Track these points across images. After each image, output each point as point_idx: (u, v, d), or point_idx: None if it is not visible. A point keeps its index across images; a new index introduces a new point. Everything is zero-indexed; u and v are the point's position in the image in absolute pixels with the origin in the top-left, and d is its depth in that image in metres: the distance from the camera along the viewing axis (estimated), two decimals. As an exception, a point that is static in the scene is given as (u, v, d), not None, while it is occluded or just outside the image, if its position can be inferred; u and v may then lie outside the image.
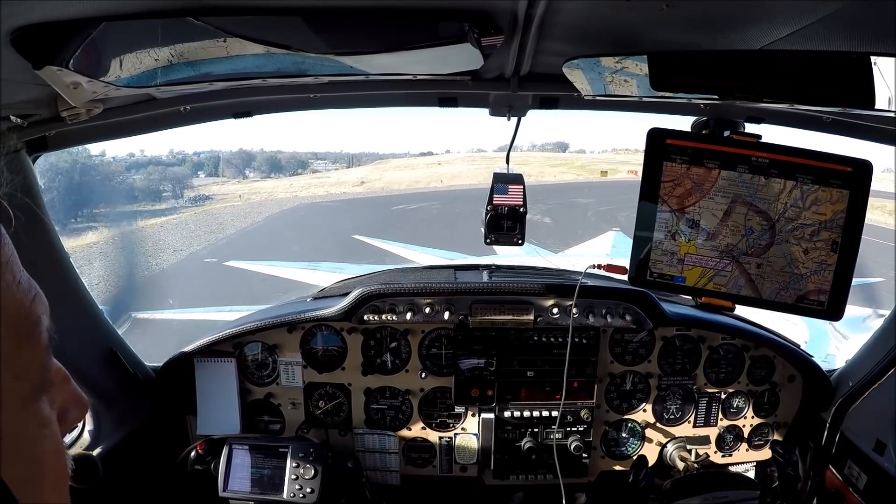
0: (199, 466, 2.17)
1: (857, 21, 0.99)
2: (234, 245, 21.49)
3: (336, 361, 2.29)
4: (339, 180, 44.77)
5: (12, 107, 1.25)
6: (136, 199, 34.28)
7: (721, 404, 2.36)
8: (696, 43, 1.24)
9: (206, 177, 46.96)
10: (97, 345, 1.98)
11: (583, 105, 1.79)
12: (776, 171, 1.60)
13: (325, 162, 55.95)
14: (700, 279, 1.70)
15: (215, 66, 1.26)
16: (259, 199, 36.25)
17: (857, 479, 1.91)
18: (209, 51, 1.17)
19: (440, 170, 47.78)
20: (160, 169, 41.91)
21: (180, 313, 10.38)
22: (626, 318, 2.16)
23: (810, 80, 1.27)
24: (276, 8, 1.06)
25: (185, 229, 25.86)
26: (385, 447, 2.35)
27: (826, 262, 1.61)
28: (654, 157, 1.64)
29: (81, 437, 1.98)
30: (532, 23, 1.13)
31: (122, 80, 1.21)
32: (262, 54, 1.23)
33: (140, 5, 0.97)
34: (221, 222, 27.55)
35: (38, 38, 0.96)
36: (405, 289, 2.15)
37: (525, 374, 2.26)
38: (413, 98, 1.86)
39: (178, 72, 1.25)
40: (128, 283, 12.53)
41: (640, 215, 1.70)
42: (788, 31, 1.06)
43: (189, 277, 16.82)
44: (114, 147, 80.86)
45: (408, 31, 1.18)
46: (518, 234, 1.94)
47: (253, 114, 1.87)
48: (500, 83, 1.60)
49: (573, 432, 2.29)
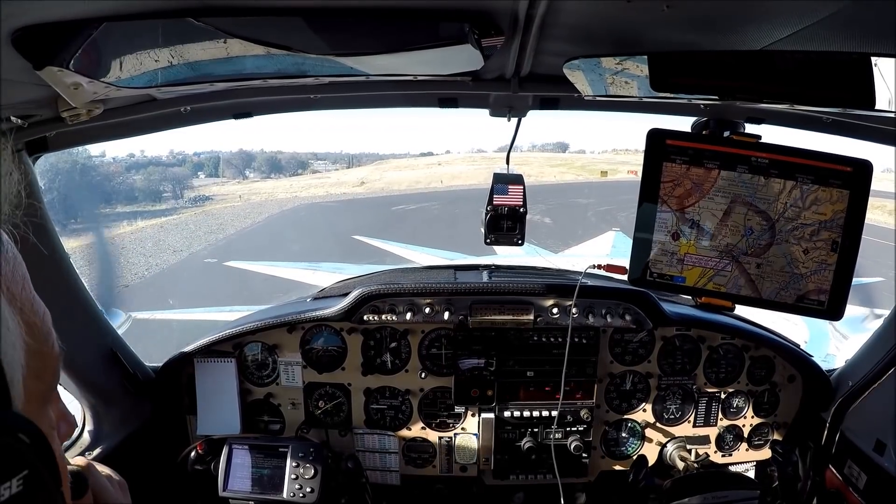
0: (199, 466, 2.17)
1: (857, 22, 0.99)
2: (234, 245, 21.52)
3: (336, 361, 2.29)
4: (339, 181, 44.78)
5: (13, 107, 1.25)
6: (136, 200, 34.30)
7: (721, 404, 2.36)
8: (697, 43, 1.24)
9: (206, 177, 46.93)
10: (97, 345, 1.98)
11: (583, 106, 1.79)
12: (776, 172, 1.60)
13: (325, 162, 55.97)
14: (700, 279, 1.70)
15: (215, 67, 1.26)
16: (259, 200, 36.26)
17: (857, 479, 1.91)
18: (209, 51, 1.17)
19: (440, 170, 47.79)
20: (160, 169, 41.91)
21: (180, 313, 10.37)
22: (626, 318, 2.16)
23: (810, 81, 1.27)
24: (276, 8, 1.06)
25: (185, 230, 25.88)
26: (385, 447, 2.35)
27: (826, 261, 1.61)
28: (654, 158, 1.64)
29: (81, 438, 1.98)
30: (532, 23, 1.13)
31: (123, 81, 1.21)
32: (262, 55, 1.23)
33: (140, 6, 0.97)
34: (221, 223, 27.58)
35: (39, 39, 0.96)
36: (405, 289, 2.15)
37: (525, 374, 2.26)
38: (413, 99, 1.86)
39: (178, 72, 1.25)
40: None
41: (640, 215, 1.70)
42: (789, 32, 1.06)
43: (189, 278, 16.84)
44: (113, 147, 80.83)
45: (408, 31, 1.18)
46: (518, 235, 1.94)
47: (253, 114, 1.87)
48: (500, 84, 1.60)
49: (573, 432, 2.29)
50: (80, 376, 1.87)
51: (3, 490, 0.43)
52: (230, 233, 25.06)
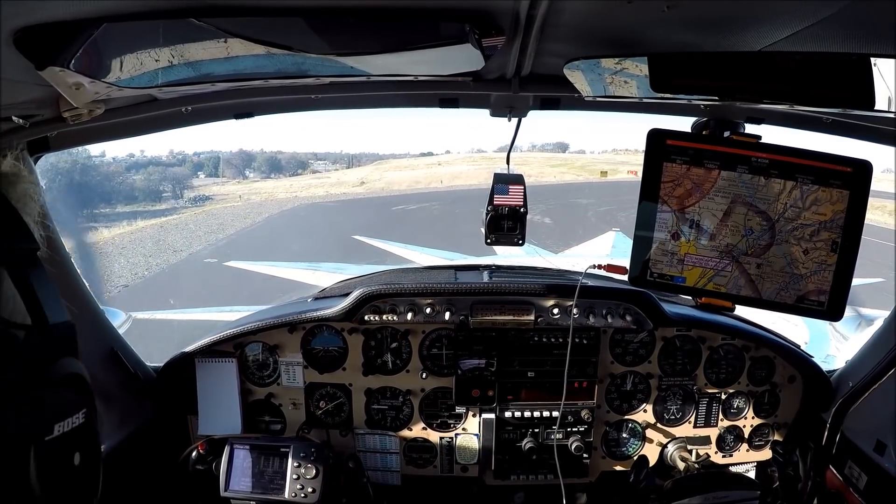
0: (200, 466, 2.18)
1: (857, 22, 0.99)
2: (235, 245, 21.46)
3: (337, 362, 2.29)
4: (339, 181, 44.69)
5: (14, 107, 1.25)
6: (136, 200, 34.21)
7: (721, 405, 2.36)
8: (697, 44, 1.24)
9: (206, 177, 46.73)
10: (98, 345, 1.99)
11: (584, 106, 1.79)
12: (776, 172, 1.60)
13: (325, 162, 55.80)
14: (700, 279, 1.70)
15: (216, 67, 1.27)
16: (259, 200, 36.15)
17: (858, 480, 1.91)
18: (210, 51, 1.18)
19: (440, 170, 47.70)
20: (160, 169, 41.72)
21: (180, 314, 10.34)
22: (627, 318, 2.16)
23: (810, 81, 1.27)
24: (277, 8, 1.06)
25: (185, 230, 25.82)
26: (386, 447, 2.35)
27: (826, 262, 1.61)
28: (654, 158, 1.64)
29: (82, 438, 1.99)
30: (533, 24, 1.13)
31: (124, 81, 1.21)
32: (263, 55, 1.23)
33: (142, 5, 0.98)
34: (221, 223, 27.49)
35: (41, 39, 0.96)
36: (406, 289, 2.15)
37: (526, 374, 2.27)
38: (414, 99, 1.87)
39: (179, 72, 1.25)
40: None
41: (640, 216, 1.70)
42: (789, 33, 1.06)
43: (189, 278, 16.79)
44: (113, 147, 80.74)
45: (409, 31, 1.18)
46: (518, 235, 1.95)
47: (254, 114, 1.87)
48: (501, 84, 1.61)
49: (574, 432, 2.29)
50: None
51: (75, 419, 0.61)
52: (230, 233, 24.99)
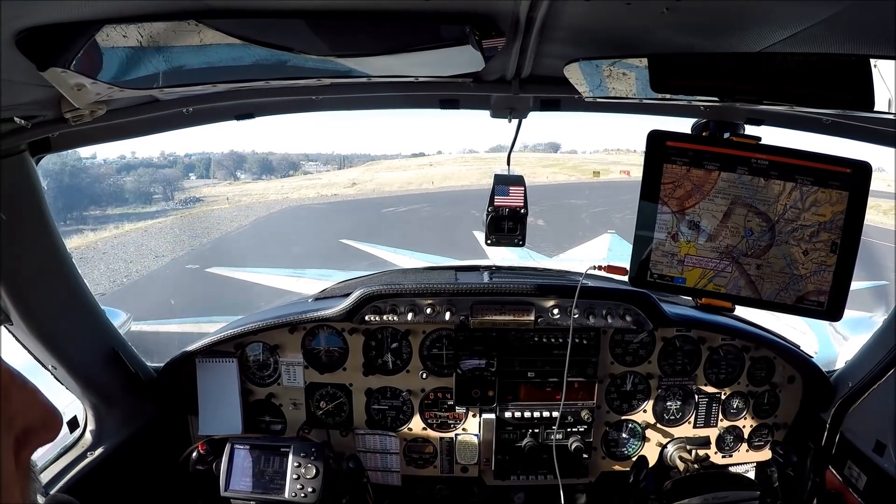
0: (200, 466, 2.17)
1: (857, 24, 1.00)
2: (218, 250, 20.72)
3: (337, 362, 2.30)
4: (330, 182, 44.19)
5: (16, 108, 1.25)
6: (125, 202, 33.80)
7: (721, 405, 2.36)
8: (697, 45, 1.24)
9: (197, 179, 46.36)
10: (99, 345, 1.99)
11: (584, 107, 1.80)
12: (776, 173, 1.60)
13: (316, 163, 55.39)
14: (700, 280, 1.70)
15: (218, 68, 1.27)
16: (248, 202, 35.38)
17: (857, 480, 1.91)
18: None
19: (432, 171, 47.20)
20: (151, 171, 41.35)
21: (157, 325, 9.73)
22: (627, 318, 2.17)
23: (810, 82, 1.27)
24: (277, 10, 1.06)
25: (169, 234, 25.08)
26: (386, 447, 2.35)
27: (825, 262, 1.62)
28: (654, 159, 1.65)
29: (83, 438, 1.99)
30: (533, 25, 1.13)
31: (126, 82, 1.21)
32: (264, 56, 1.24)
33: (143, 6, 0.98)
34: (207, 226, 26.73)
35: (43, 40, 0.96)
36: (406, 289, 2.15)
37: (526, 374, 2.27)
38: (414, 100, 1.87)
39: (180, 74, 1.25)
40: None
41: (640, 216, 1.70)
42: (788, 34, 1.06)
43: (168, 286, 16.00)
44: (104, 149, 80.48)
45: (409, 33, 1.18)
46: (519, 235, 1.95)
47: (255, 115, 1.87)
48: (501, 85, 1.61)
49: (574, 433, 2.30)
50: (82, 376, 1.87)
51: None
52: (215, 237, 24.25)
